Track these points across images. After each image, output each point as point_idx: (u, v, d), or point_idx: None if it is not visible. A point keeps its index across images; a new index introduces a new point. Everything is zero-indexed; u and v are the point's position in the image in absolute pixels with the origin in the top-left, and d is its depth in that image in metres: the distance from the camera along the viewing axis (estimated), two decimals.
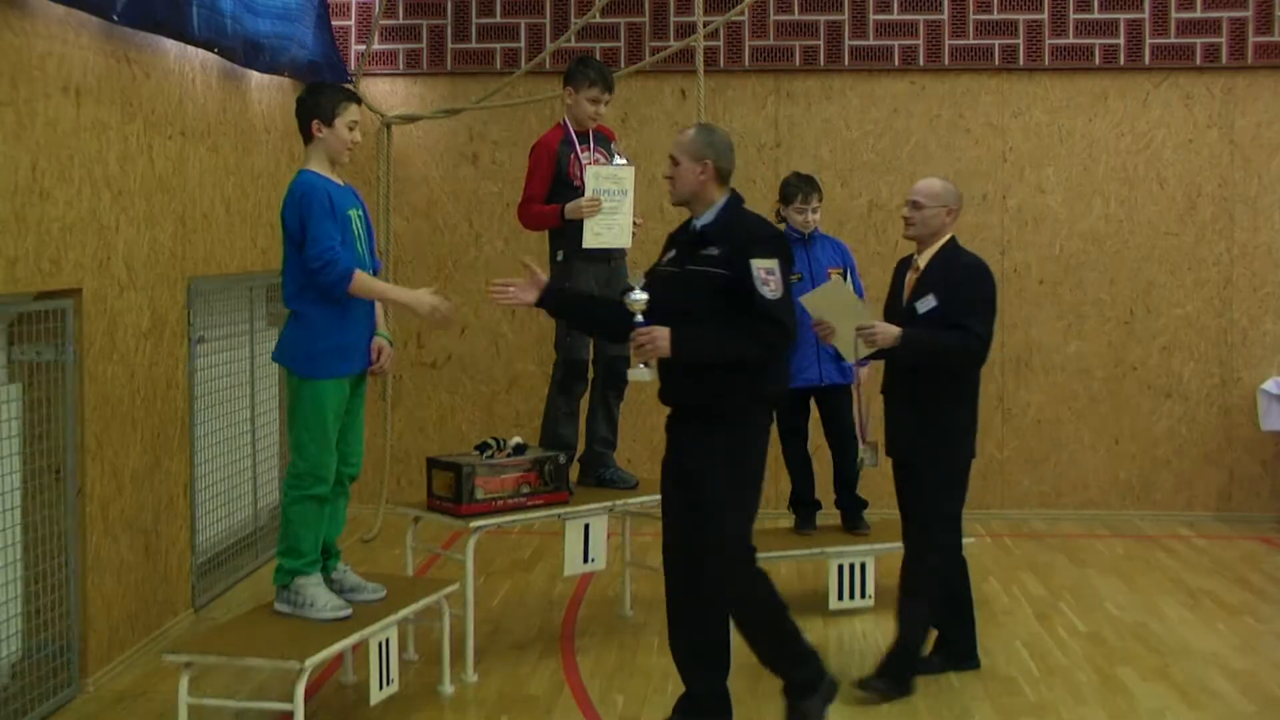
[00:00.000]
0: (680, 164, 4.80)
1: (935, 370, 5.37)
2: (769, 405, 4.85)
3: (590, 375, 6.30)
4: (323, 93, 5.05)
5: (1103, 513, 8.78)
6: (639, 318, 4.79)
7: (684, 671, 4.94)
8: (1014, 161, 8.77)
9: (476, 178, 8.89)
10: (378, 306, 5.21)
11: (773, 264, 4.65)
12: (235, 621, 5.09)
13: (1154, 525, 8.59)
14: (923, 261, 5.50)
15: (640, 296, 4.80)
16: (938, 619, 5.65)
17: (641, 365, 4.82)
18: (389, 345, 5.22)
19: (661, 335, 4.67)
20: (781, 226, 6.77)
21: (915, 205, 5.48)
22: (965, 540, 6.79)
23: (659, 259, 5.04)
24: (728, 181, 4.86)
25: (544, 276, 5.05)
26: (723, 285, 4.66)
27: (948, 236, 5.51)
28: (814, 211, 6.69)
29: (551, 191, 6.14)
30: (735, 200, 4.88)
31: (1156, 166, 8.72)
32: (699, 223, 4.85)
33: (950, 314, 5.32)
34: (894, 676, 5.41)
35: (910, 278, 5.55)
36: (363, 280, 4.89)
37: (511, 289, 4.99)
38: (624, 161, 6.15)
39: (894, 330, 5.34)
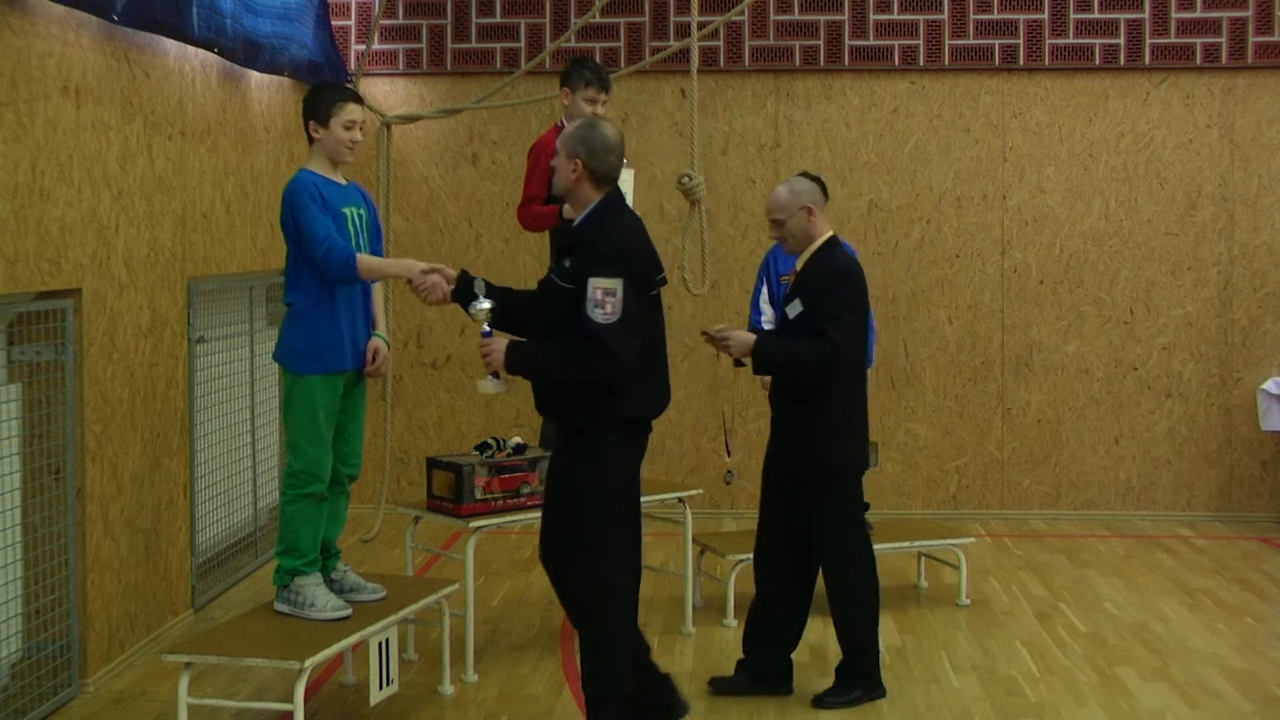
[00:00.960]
0: (559, 157, 4.64)
1: (801, 378, 5.27)
2: (624, 426, 4.58)
3: None
4: (319, 94, 5.03)
5: (1103, 513, 8.78)
6: (485, 327, 4.72)
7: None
8: (1014, 161, 8.77)
9: (476, 178, 8.89)
10: (378, 308, 5.20)
11: (614, 284, 4.40)
12: (235, 621, 5.08)
13: (1154, 525, 8.59)
14: (800, 264, 5.39)
15: (482, 306, 4.71)
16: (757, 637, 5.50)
17: (490, 377, 4.70)
18: (386, 347, 5.19)
19: (499, 349, 4.61)
20: None
21: (776, 223, 5.35)
22: (964, 540, 6.83)
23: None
24: (605, 184, 4.61)
25: (453, 272, 4.90)
26: (569, 300, 4.49)
27: (825, 235, 5.34)
28: None
29: (550, 192, 6.14)
30: (605, 206, 4.61)
31: (1156, 166, 8.72)
32: (574, 225, 4.71)
33: (813, 319, 5.20)
34: (853, 684, 5.35)
35: (792, 279, 5.47)
36: (364, 260, 4.88)
37: (431, 280, 4.85)
38: (625, 163, 6.14)
39: (748, 340, 5.24)
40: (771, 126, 8.81)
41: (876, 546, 6.56)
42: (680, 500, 6.35)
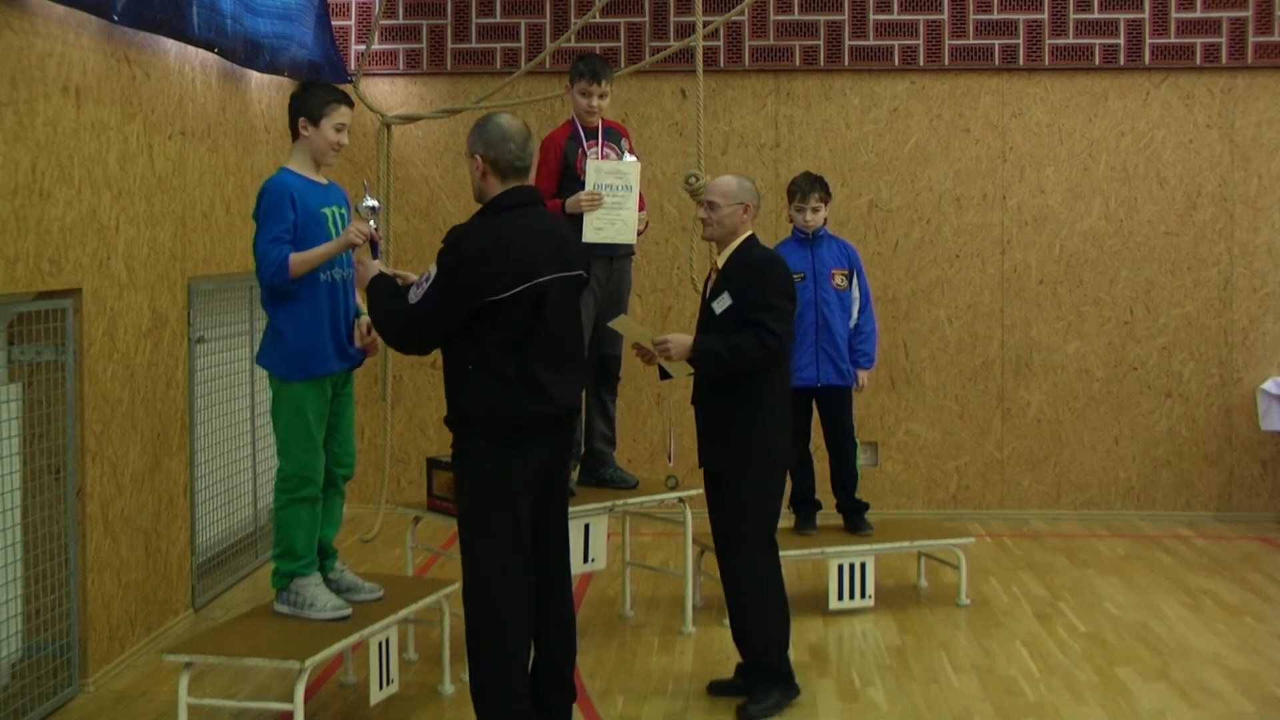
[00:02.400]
0: (469, 162, 4.61)
1: (735, 374, 5.21)
2: (491, 429, 4.43)
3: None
4: (313, 92, 5.00)
5: (1103, 513, 8.77)
6: (372, 222, 4.92)
7: None
8: (1014, 161, 8.76)
9: None
10: (357, 292, 5.16)
11: (432, 272, 4.38)
12: (235, 621, 5.08)
13: (1154, 525, 8.59)
14: (721, 261, 5.38)
15: (369, 203, 4.93)
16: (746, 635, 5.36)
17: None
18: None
19: (369, 271, 4.74)
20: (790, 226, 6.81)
21: (711, 205, 5.33)
22: (964, 540, 6.82)
23: None
24: (511, 174, 4.51)
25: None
26: None
27: (746, 234, 5.35)
28: (814, 211, 6.69)
29: (559, 187, 6.14)
30: (489, 206, 4.53)
31: (1156, 166, 8.72)
32: None
33: (744, 311, 5.18)
34: (768, 688, 5.25)
35: (711, 278, 5.43)
36: (296, 259, 4.80)
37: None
38: (633, 159, 6.15)
39: (686, 341, 5.21)
40: (771, 126, 8.80)
41: (877, 546, 6.61)
42: (680, 500, 6.36)
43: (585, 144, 6.14)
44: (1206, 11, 8.59)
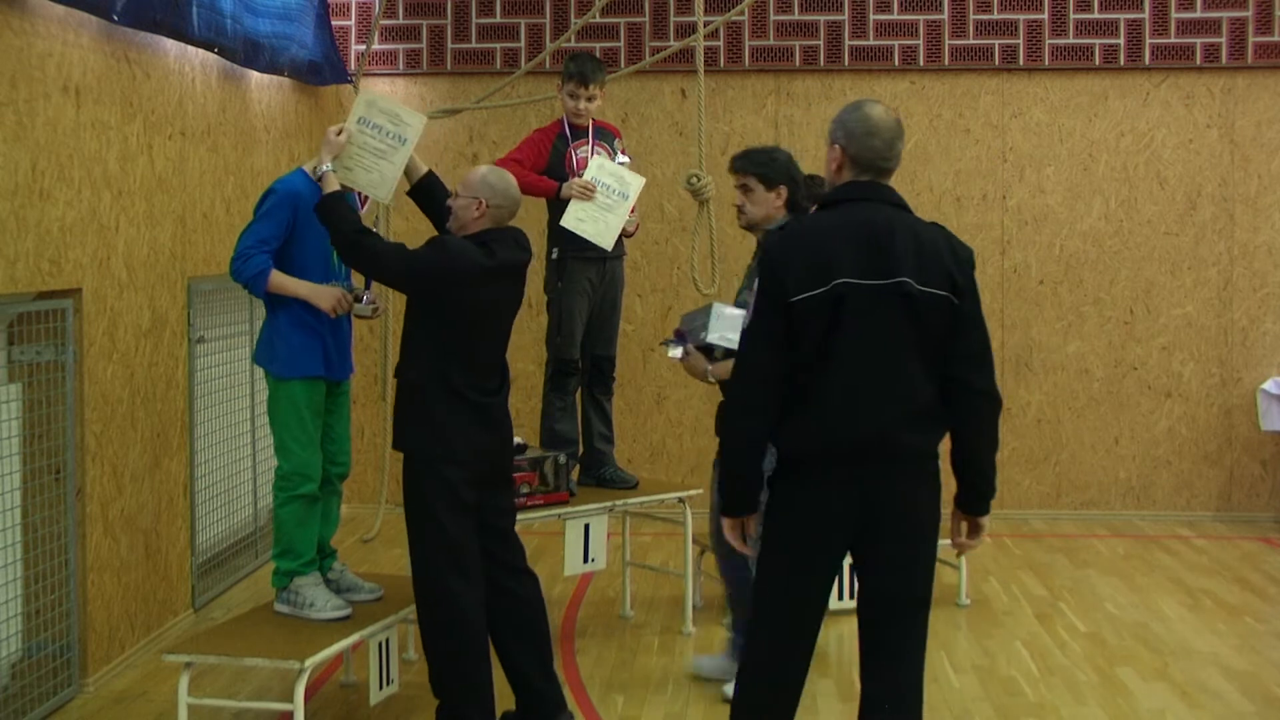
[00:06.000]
0: (827, 150, 4.04)
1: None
2: (781, 463, 3.84)
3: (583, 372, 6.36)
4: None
5: (1103, 513, 8.77)
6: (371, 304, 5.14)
7: None
8: (1014, 161, 8.76)
9: None
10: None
11: (751, 296, 3.83)
12: (235, 621, 5.08)
13: (1154, 525, 8.59)
14: None
15: (369, 304, 5.12)
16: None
17: (365, 300, 5.12)
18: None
19: None
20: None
21: (453, 193, 4.92)
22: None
23: None
24: (866, 174, 3.86)
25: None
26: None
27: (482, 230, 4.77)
28: None
29: (546, 166, 6.11)
30: (825, 199, 3.96)
31: (1156, 166, 8.72)
32: None
33: None
34: None
35: None
36: (275, 277, 4.84)
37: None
38: (627, 160, 6.16)
39: None
40: (771, 126, 8.80)
41: None
42: (680, 500, 6.36)
43: (573, 143, 6.14)
44: (1206, 11, 8.59)
